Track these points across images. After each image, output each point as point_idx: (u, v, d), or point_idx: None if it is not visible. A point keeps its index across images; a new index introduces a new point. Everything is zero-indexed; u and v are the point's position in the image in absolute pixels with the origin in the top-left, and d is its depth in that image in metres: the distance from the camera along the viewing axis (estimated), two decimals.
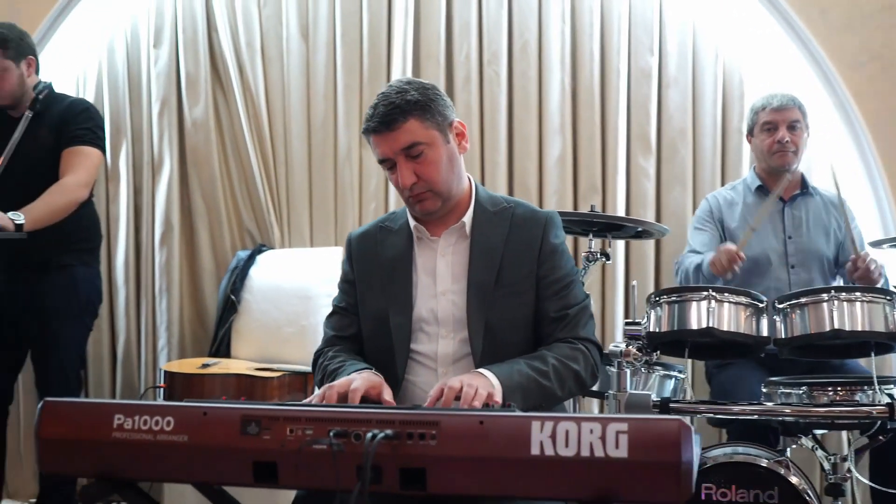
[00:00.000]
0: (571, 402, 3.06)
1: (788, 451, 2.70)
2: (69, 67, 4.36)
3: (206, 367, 3.76)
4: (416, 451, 1.68)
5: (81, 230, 3.74)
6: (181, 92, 4.23)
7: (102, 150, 3.73)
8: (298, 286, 3.99)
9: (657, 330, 2.66)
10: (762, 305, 2.66)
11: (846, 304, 2.58)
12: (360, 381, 2.13)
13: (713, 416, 2.72)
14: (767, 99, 3.49)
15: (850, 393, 2.69)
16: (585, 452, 1.62)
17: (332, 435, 1.69)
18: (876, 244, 3.32)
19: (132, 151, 4.29)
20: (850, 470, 2.65)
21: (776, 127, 3.44)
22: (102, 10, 4.30)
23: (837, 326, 2.55)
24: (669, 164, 4.01)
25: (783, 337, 2.63)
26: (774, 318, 2.66)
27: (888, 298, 2.59)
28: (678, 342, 2.70)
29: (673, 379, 3.01)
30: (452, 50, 4.04)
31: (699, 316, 2.61)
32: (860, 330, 2.56)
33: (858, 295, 2.60)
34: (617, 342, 2.70)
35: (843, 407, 2.62)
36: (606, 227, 3.03)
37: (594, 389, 2.99)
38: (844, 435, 3.45)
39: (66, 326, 3.67)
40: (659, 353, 2.72)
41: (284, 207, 4.21)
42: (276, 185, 4.20)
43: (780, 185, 3.28)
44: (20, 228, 3.36)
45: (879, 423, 2.54)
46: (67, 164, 3.62)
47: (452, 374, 2.28)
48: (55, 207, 3.52)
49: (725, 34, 3.98)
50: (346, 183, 4.16)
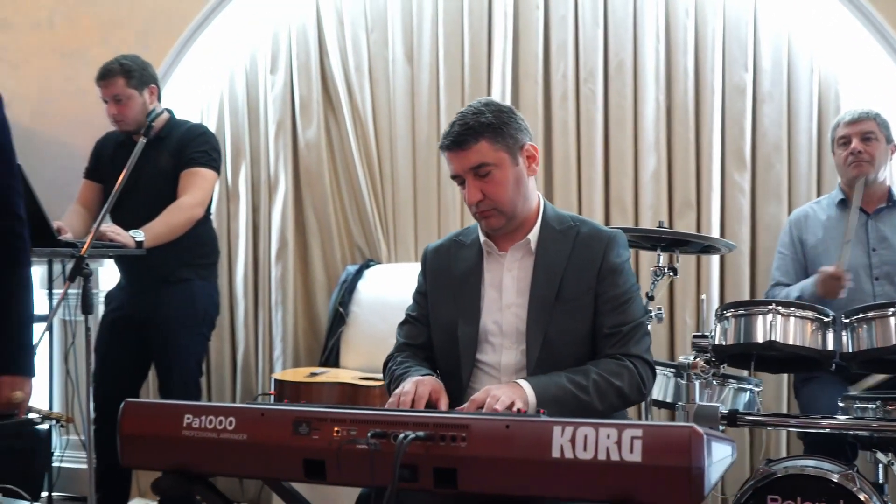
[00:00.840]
0: (642, 412, 3.11)
1: (858, 465, 2.70)
2: (194, 95, 4.65)
3: (314, 375, 3.96)
4: (447, 451, 1.80)
5: (199, 246, 3.98)
6: (295, 115, 4.46)
7: (217, 171, 3.97)
8: (403, 299, 4.10)
9: (723, 343, 2.72)
10: (828, 319, 2.68)
11: None
12: (425, 386, 2.31)
13: (784, 428, 2.75)
14: (843, 114, 3.51)
15: None
16: (602, 456, 1.72)
17: (369, 435, 1.84)
18: None
19: (251, 172, 4.54)
20: None
21: (849, 140, 3.45)
22: (223, 41, 4.57)
23: None
24: (764, 179, 4.00)
25: (849, 351, 2.64)
26: (842, 332, 2.68)
27: None
28: (744, 355, 2.75)
29: (747, 392, 3.04)
30: (550, 69, 4.14)
31: (764, 329, 2.66)
32: None
33: None
34: (686, 355, 2.76)
35: None
36: (673, 242, 3.08)
37: (666, 401, 3.06)
38: None
39: (184, 337, 3.91)
40: (726, 365, 2.76)
41: (391, 223, 4.39)
42: (382, 201, 4.39)
43: (856, 194, 3.27)
44: (140, 245, 3.63)
45: None
46: (185, 184, 3.87)
47: None
48: (173, 225, 3.77)
49: (820, 48, 3.95)
50: (448, 199, 4.30)
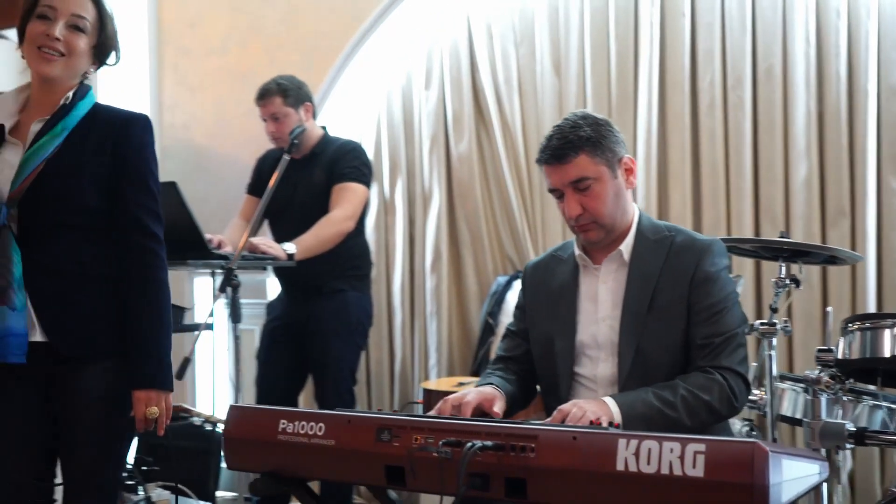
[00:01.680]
0: (767, 427, 3.02)
1: None
2: (353, 112, 4.81)
3: (460, 385, 4.03)
4: (517, 462, 1.83)
5: (352, 258, 4.12)
6: (448, 129, 4.56)
7: (368, 185, 4.10)
8: None
9: (847, 357, 2.61)
10: None
11: None
12: (473, 394, 2.34)
13: None
14: None
15: None
16: (665, 470, 1.71)
17: (441, 444, 1.89)
18: None
19: (406, 186, 4.66)
20: None
21: None
22: (381, 59, 4.73)
23: None
24: None
25: None
26: None
27: None
28: (870, 370, 2.63)
29: (883, 409, 2.90)
30: (697, 76, 4.07)
31: (891, 344, 2.54)
32: None
33: None
34: (811, 369, 2.67)
35: None
36: (796, 253, 2.98)
37: (795, 416, 2.96)
38: None
39: (338, 346, 4.05)
40: (853, 380, 2.66)
41: (540, 234, 4.41)
42: (532, 213, 4.42)
43: None
44: (291, 257, 3.80)
45: None
46: (336, 198, 4.02)
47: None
48: (323, 238, 3.92)
49: None
50: None
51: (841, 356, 2.62)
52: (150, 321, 2.52)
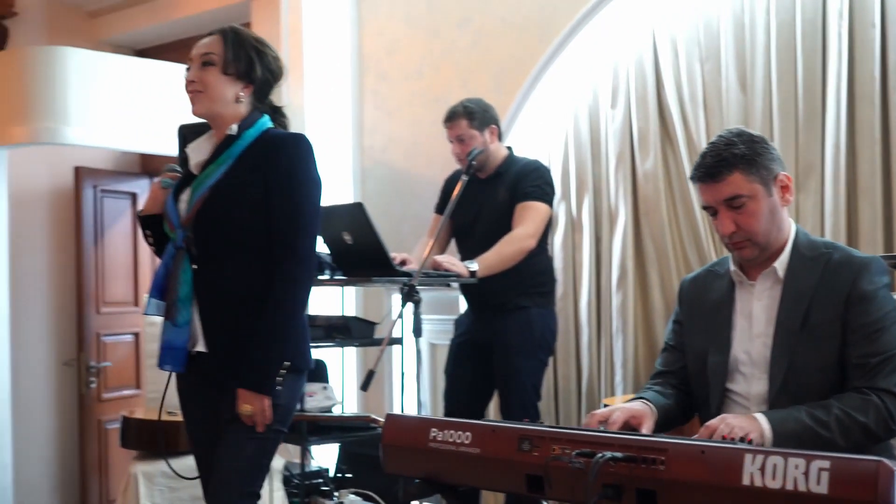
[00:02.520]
0: None
1: None
2: (542, 131, 4.90)
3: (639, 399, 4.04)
4: (648, 474, 1.88)
5: (536, 275, 4.21)
6: (633, 147, 4.57)
7: (550, 204, 4.18)
8: None
9: None
10: None
11: None
12: (620, 412, 2.38)
13: None
14: None
15: None
16: (790, 486, 1.72)
17: (574, 455, 1.95)
18: None
19: (593, 204, 4.71)
20: None
21: None
22: (568, 79, 4.80)
23: None
24: None
25: None
26: None
27: None
28: None
29: None
30: (888, 89, 3.92)
31: None
32: None
33: None
34: None
35: None
36: None
37: None
38: None
39: (521, 361, 4.14)
40: None
41: (725, 251, 4.33)
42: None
43: None
44: (474, 275, 3.93)
45: None
46: (518, 217, 4.12)
47: None
48: (505, 256, 4.03)
49: None
50: None
51: None
52: (272, 333, 2.73)
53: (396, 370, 4.74)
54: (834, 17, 4.01)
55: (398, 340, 4.02)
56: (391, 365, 5.11)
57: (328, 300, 5.03)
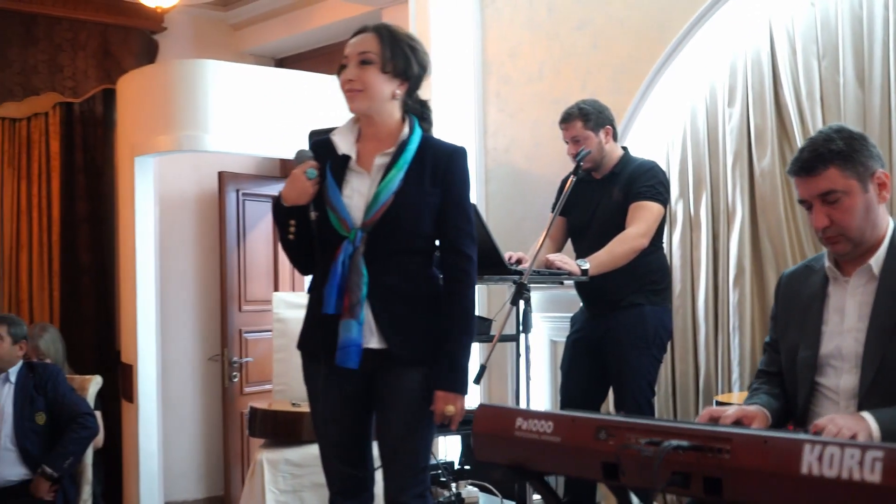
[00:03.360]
0: None
1: None
2: (659, 130, 4.95)
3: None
4: (714, 462, 1.96)
5: (650, 273, 4.25)
6: (751, 145, 4.57)
7: (663, 204, 4.21)
8: None
9: None
10: None
11: None
12: (733, 409, 2.43)
13: None
14: None
15: None
16: (845, 475, 1.78)
17: (643, 443, 2.04)
18: None
19: (710, 202, 4.72)
20: None
21: None
22: (685, 77, 4.83)
23: None
24: None
25: None
26: None
27: None
28: None
29: None
30: None
31: None
32: None
33: None
34: None
35: None
36: None
37: None
38: None
39: (635, 358, 4.19)
40: None
41: None
42: None
43: None
44: (585, 273, 4.01)
45: None
46: (631, 216, 4.18)
47: (853, 409, 2.42)
48: (616, 255, 4.10)
49: None
50: None
51: None
52: (455, 334, 2.91)
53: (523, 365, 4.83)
54: None
55: (511, 337, 4.13)
56: (518, 360, 5.22)
57: None
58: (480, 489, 4.43)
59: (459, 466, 4.59)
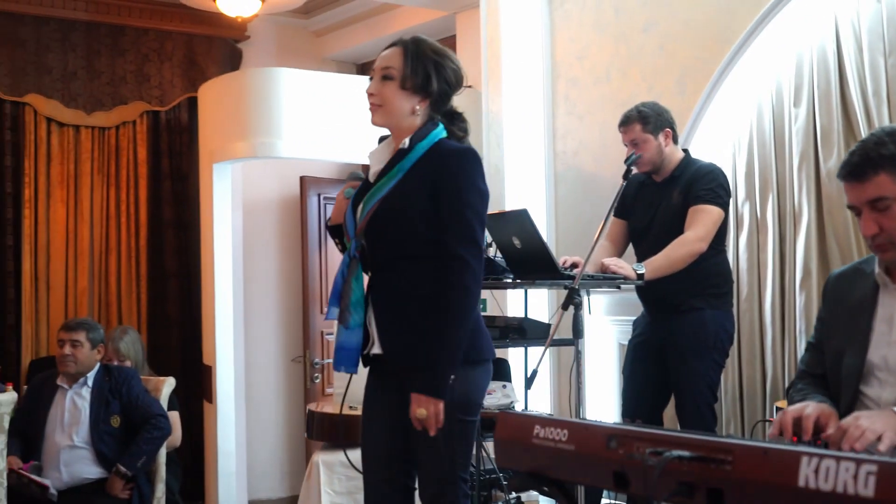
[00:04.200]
0: None
1: None
2: (725, 131, 4.88)
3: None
4: (716, 473, 1.95)
5: (710, 277, 4.20)
6: (817, 145, 4.48)
7: (723, 207, 4.15)
8: None
9: None
10: None
11: None
12: (812, 408, 2.35)
13: None
14: None
15: None
16: (840, 489, 1.76)
17: (647, 452, 2.04)
18: None
19: (777, 204, 4.64)
20: None
21: None
22: (750, 79, 4.76)
23: None
24: None
25: None
26: None
27: None
28: None
29: None
30: None
31: None
32: None
33: None
34: None
35: None
36: None
37: None
38: None
39: (696, 362, 4.15)
40: None
41: None
42: None
43: None
44: (641, 277, 4.00)
45: None
46: (690, 220, 4.14)
47: None
48: (673, 259, 4.06)
49: None
50: None
51: None
52: (438, 338, 2.86)
53: (587, 370, 4.81)
54: None
55: (570, 342, 4.13)
56: (582, 365, 5.21)
57: (513, 302, 5.21)
58: (541, 493, 4.44)
59: None
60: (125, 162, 6.85)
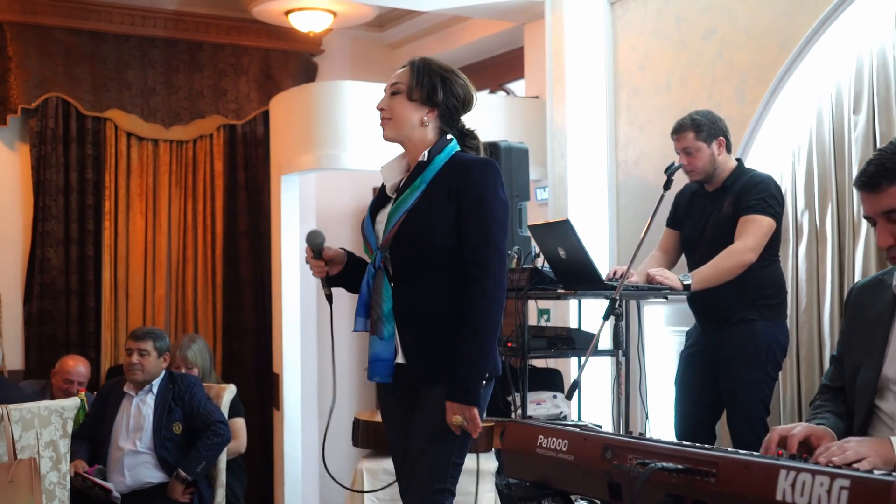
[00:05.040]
0: None
1: None
2: (784, 139, 4.80)
3: None
4: (701, 486, 1.95)
5: (762, 287, 4.14)
6: None
7: (774, 217, 4.09)
8: None
9: None
10: None
11: None
12: (801, 428, 2.33)
13: None
14: None
15: None
16: (815, 503, 1.73)
17: (634, 463, 2.04)
18: None
19: (836, 214, 4.54)
20: None
21: None
22: (809, 86, 4.67)
23: None
24: None
25: None
26: None
27: None
28: None
29: None
30: None
31: None
32: None
33: None
34: None
35: None
36: None
37: None
38: None
39: (747, 374, 4.09)
40: None
41: None
42: None
43: None
44: (687, 288, 3.96)
45: None
46: (740, 230, 4.08)
47: None
48: (721, 270, 4.02)
49: None
50: None
51: None
52: (467, 346, 2.90)
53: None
54: None
55: (608, 352, 4.12)
56: (623, 376, 5.17)
57: (562, 312, 5.20)
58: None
59: None
60: (202, 174, 7.04)
